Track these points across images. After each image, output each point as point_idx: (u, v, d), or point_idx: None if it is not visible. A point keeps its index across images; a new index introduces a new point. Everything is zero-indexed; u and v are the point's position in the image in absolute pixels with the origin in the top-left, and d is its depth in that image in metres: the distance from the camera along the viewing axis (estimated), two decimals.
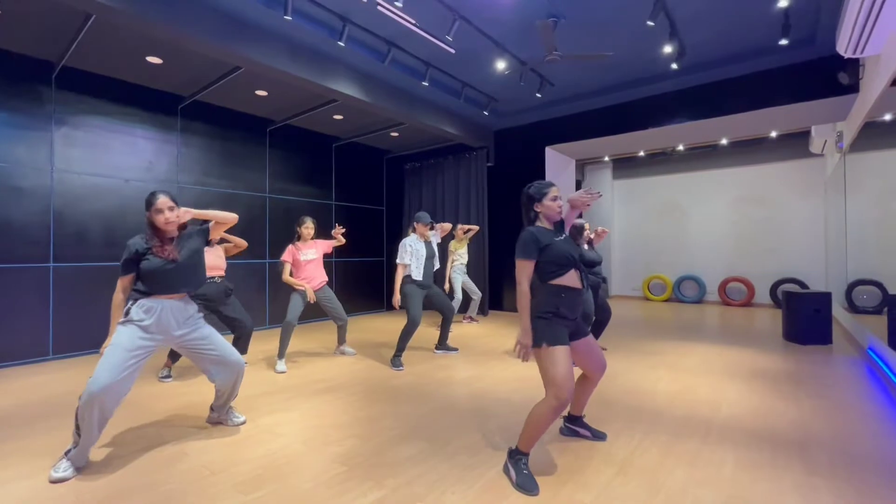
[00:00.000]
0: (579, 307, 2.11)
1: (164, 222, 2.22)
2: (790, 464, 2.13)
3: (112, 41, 3.90)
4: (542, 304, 2.03)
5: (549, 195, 2.12)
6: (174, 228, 2.30)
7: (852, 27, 3.26)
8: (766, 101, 5.01)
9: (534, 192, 2.14)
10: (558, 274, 2.03)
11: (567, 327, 2.05)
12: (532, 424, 1.96)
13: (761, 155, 8.49)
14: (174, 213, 2.25)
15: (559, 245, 2.06)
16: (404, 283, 4.02)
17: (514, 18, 4.07)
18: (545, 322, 2.00)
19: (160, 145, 5.05)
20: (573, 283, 2.06)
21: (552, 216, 2.13)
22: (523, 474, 1.93)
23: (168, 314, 2.24)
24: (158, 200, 2.23)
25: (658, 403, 3.00)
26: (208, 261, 3.61)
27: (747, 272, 8.61)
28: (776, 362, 4.08)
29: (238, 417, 2.68)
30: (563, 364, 1.92)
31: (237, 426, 2.62)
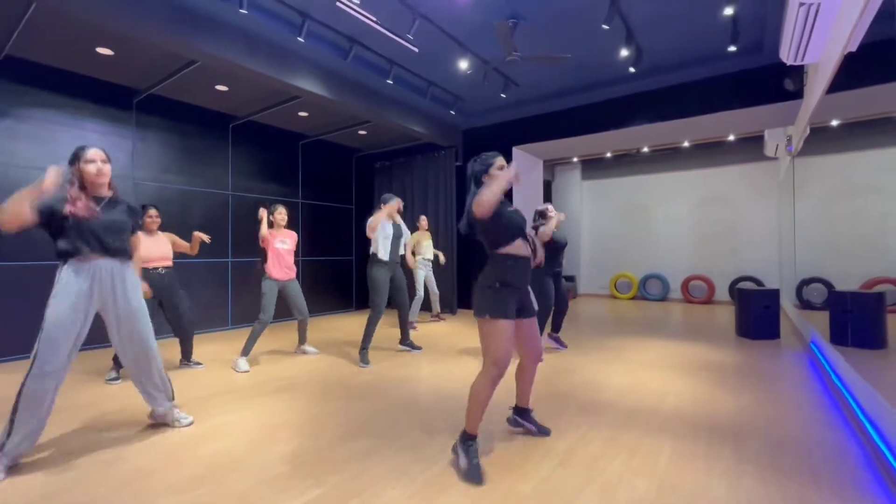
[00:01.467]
0: (527, 276, 2.14)
1: (97, 173, 2.13)
2: (722, 452, 2.22)
3: (58, 30, 3.74)
4: (490, 274, 2.08)
5: (496, 165, 2.18)
6: (105, 186, 2.20)
7: (791, 36, 3.42)
8: (719, 105, 5.20)
9: (479, 165, 2.21)
10: (508, 242, 2.08)
11: (514, 299, 2.07)
12: (473, 400, 2.02)
13: (721, 157, 8.81)
14: (107, 167, 2.17)
15: (510, 213, 2.14)
16: (371, 266, 3.99)
17: (475, 18, 4.11)
18: (492, 292, 2.03)
19: (114, 139, 4.88)
20: (522, 252, 2.11)
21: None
22: (472, 464, 1.96)
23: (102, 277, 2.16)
24: (90, 151, 2.15)
25: (608, 397, 3.08)
26: (152, 250, 3.54)
27: (708, 270, 8.91)
28: (726, 356, 4.24)
29: (185, 418, 2.58)
30: (503, 336, 1.99)
31: (185, 427, 2.54)
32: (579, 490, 1.87)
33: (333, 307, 7.47)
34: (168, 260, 3.65)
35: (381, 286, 3.96)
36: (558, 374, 3.62)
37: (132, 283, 2.31)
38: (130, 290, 2.28)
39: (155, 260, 3.55)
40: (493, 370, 1.99)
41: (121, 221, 2.27)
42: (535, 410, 2.56)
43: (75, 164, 2.16)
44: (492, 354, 1.99)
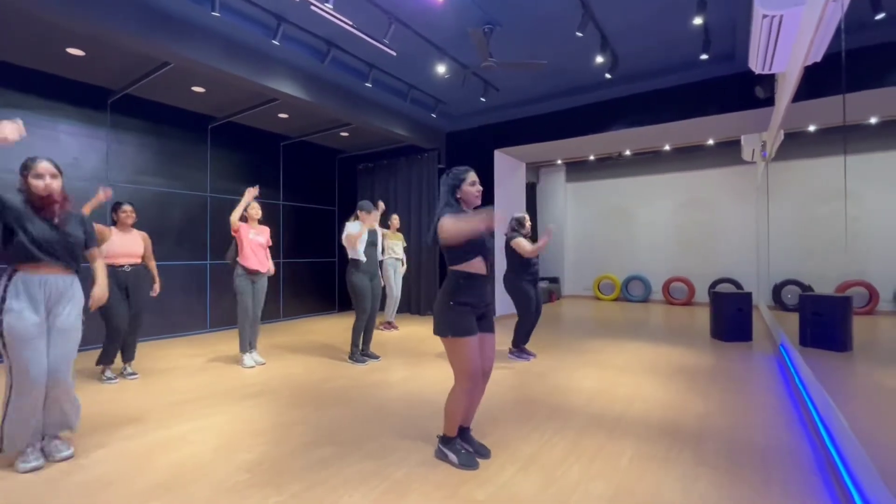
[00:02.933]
0: (484, 294, 2.14)
1: (44, 189, 2.09)
2: (682, 456, 2.27)
3: (26, 30, 3.68)
4: (447, 293, 2.10)
5: (468, 181, 2.16)
6: (52, 204, 2.12)
7: (758, 46, 3.49)
8: (694, 111, 5.29)
9: (453, 179, 2.16)
10: (464, 259, 2.08)
11: (474, 313, 2.09)
12: (450, 411, 2.11)
13: (700, 161, 8.95)
14: (56, 182, 2.12)
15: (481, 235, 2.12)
16: (352, 274, 4.07)
17: (451, 24, 4.13)
18: (451, 313, 2.06)
19: (87, 141, 4.81)
20: (477, 270, 2.10)
21: (471, 201, 2.18)
22: (462, 454, 2.07)
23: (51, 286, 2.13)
24: (39, 165, 2.09)
25: (577, 401, 3.11)
26: (118, 246, 3.49)
27: (689, 272, 9.04)
28: (698, 358, 4.32)
29: (62, 451, 2.21)
30: (469, 352, 2.04)
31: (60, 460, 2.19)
32: (534, 496, 1.89)
33: (315, 309, 7.44)
34: (135, 258, 3.59)
35: (364, 291, 4.07)
36: (529, 380, 3.66)
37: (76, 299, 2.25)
38: (69, 304, 2.22)
39: (120, 256, 3.49)
40: (465, 383, 2.05)
41: (76, 236, 2.22)
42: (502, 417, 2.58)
43: (25, 174, 2.10)
44: (461, 371, 2.05)
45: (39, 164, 2.12)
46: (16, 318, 2.02)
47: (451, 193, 2.16)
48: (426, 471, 2.09)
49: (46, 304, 2.14)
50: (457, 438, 2.14)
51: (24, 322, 2.03)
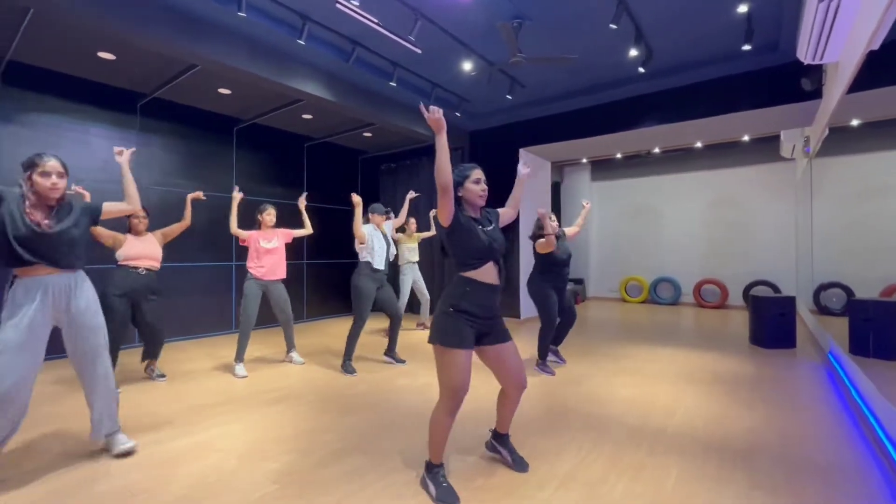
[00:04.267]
0: (490, 306, 1.94)
1: (50, 188, 2.05)
2: (734, 476, 2.10)
3: (58, 36, 3.73)
4: (448, 297, 1.92)
5: (472, 178, 1.98)
6: (54, 199, 2.10)
7: (809, 35, 3.26)
8: (732, 105, 5.03)
9: (456, 176, 1.98)
10: (473, 266, 1.91)
11: (474, 326, 1.90)
12: (432, 430, 1.92)
13: (734, 158, 8.58)
14: (63, 181, 2.10)
15: (487, 234, 1.94)
16: (357, 276, 3.93)
17: (479, 19, 4.01)
18: (445, 318, 1.89)
19: (118, 143, 4.84)
20: (486, 279, 1.92)
21: (474, 200, 1.98)
22: (442, 487, 1.87)
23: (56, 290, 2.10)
24: (48, 163, 2.06)
25: (613, 411, 2.96)
26: (139, 249, 3.48)
27: (721, 274, 8.68)
28: (739, 366, 4.09)
29: (124, 444, 2.30)
30: (455, 367, 1.83)
31: (122, 453, 2.29)
32: None
33: (338, 310, 7.42)
34: (154, 261, 3.57)
35: (366, 296, 3.89)
36: (562, 387, 3.51)
37: (86, 296, 2.23)
38: (81, 303, 2.19)
39: (139, 259, 3.47)
40: (447, 401, 1.86)
41: (76, 235, 2.17)
42: (536, 427, 2.45)
43: (29, 171, 2.05)
44: (444, 385, 1.86)
45: (48, 162, 2.07)
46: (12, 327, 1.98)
47: (455, 192, 1.94)
48: (460, 486, 1.98)
49: (54, 309, 2.11)
50: (441, 467, 1.92)
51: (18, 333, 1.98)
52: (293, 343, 4.31)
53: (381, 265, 3.95)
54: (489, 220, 2.06)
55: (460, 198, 1.99)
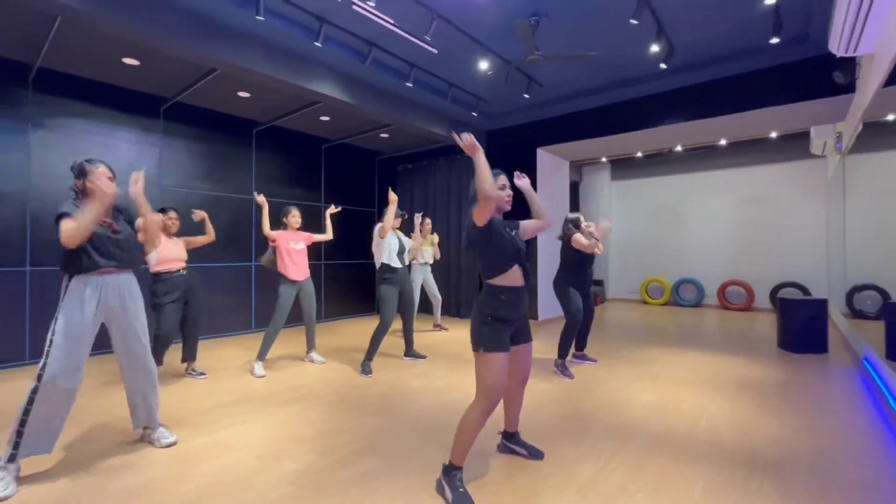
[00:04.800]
0: (522, 306, 2.06)
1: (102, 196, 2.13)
2: (763, 489, 2.01)
3: (85, 43, 3.84)
4: (483, 307, 2.00)
5: (497, 184, 2.03)
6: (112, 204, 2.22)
7: (842, 25, 3.12)
8: (759, 101, 4.85)
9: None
10: (502, 270, 1.99)
11: (509, 329, 2.02)
12: (462, 432, 1.93)
13: (761, 156, 8.31)
14: (113, 187, 2.18)
15: (509, 237, 2.03)
16: (380, 281, 4.00)
17: (495, 17, 3.97)
18: (486, 327, 1.97)
19: (142, 147, 5.00)
20: (515, 283, 2.02)
21: (501, 206, 2.08)
22: (458, 492, 1.85)
23: (108, 289, 2.19)
24: (99, 169, 2.16)
25: (634, 418, 2.88)
26: (171, 252, 3.56)
27: (747, 276, 8.42)
28: (767, 372, 3.94)
29: (167, 437, 2.44)
30: (497, 370, 1.91)
31: (164, 447, 2.40)
32: None
33: (355, 311, 7.46)
34: (184, 262, 3.67)
35: (391, 300, 3.96)
36: (580, 391, 3.44)
37: (135, 296, 2.33)
38: (130, 303, 2.29)
39: (174, 262, 3.57)
40: (484, 403, 1.91)
41: (129, 235, 2.31)
42: (554, 432, 2.40)
43: (82, 179, 2.16)
44: (485, 387, 1.92)
45: (98, 169, 2.18)
46: (68, 316, 2.07)
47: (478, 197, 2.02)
48: (475, 491, 1.95)
49: (105, 306, 2.19)
50: (460, 470, 1.92)
51: (73, 322, 2.07)
52: (314, 343, 4.36)
53: (397, 263, 4.01)
54: (511, 227, 2.16)
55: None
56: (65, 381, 2.05)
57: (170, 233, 3.65)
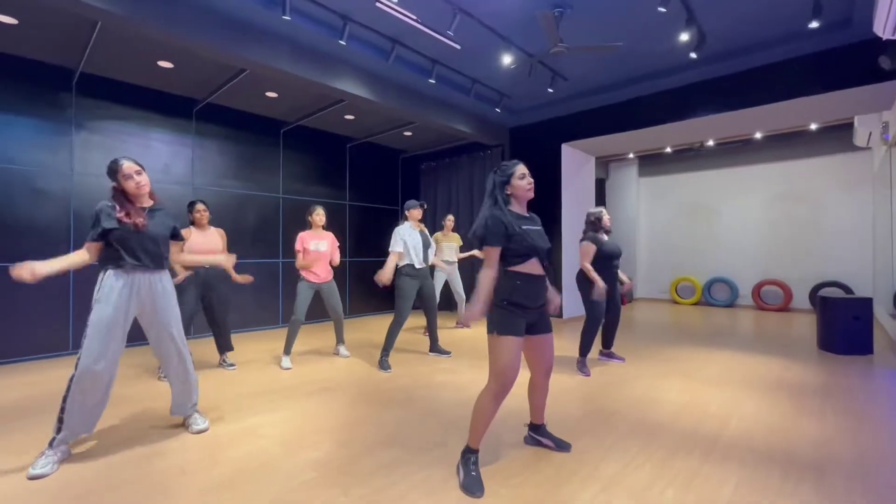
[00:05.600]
0: (538, 296, 2.04)
1: (136, 187, 2.23)
2: (800, 489, 1.91)
3: (123, 47, 4.02)
4: (499, 291, 1.99)
5: (517, 174, 2.05)
6: (146, 196, 2.29)
7: (890, 5, 2.94)
8: (798, 90, 4.64)
9: (500, 175, 2.07)
10: (519, 262, 1.98)
11: (524, 317, 1.99)
12: (476, 414, 1.96)
13: (800, 149, 7.94)
14: (144, 177, 2.26)
15: (529, 234, 1.99)
16: (400, 275, 3.99)
17: (518, 10, 3.93)
18: (500, 311, 1.96)
19: (176, 148, 5.19)
20: (534, 271, 2.01)
21: (523, 195, 2.07)
22: (471, 475, 1.88)
23: (140, 285, 2.26)
24: (123, 165, 2.22)
25: (662, 415, 2.79)
26: (205, 244, 3.66)
27: (784, 275, 8.06)
28: (805, 373, 3.75)
29: (198, 424, 2.53)
30: (508, 353, 1.91)
31: (197, 432, 2.50)
32: None
33: (379, 308, 7.53)
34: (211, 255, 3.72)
35: (408, 295, 3.96)
36: (605, 389, 3.36)
37: (166, 292, 2.39)
38: (161, 300, 2.35)
39: (201, 254, 3.65)
40: (495, 386, 1.93)
41: (161, 234, 2.35)
42: (578, 429, 2.36)
43: (115, 179, 2.26)
44: (495, 369, 1.94)
45: (124, 165, 2.25)
46: (102, 307, 2.17)
47: (500, 189, 2.05)
48: (497, 486, 1.93)
49: (138, 301, 2.28)
50: (475, 454, 1.96)
51: (105, 313, 2.16)
52: (342, 337, 4.41)
53: (420, 263, 3.99)
54: (536, 223, 2.12)
55: (509, 195, 2.06)
56: (98, 369, 2.13)
57: (200, 225, 3.75)
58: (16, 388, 3.36)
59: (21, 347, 4.15)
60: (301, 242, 4.04)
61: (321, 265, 4.08)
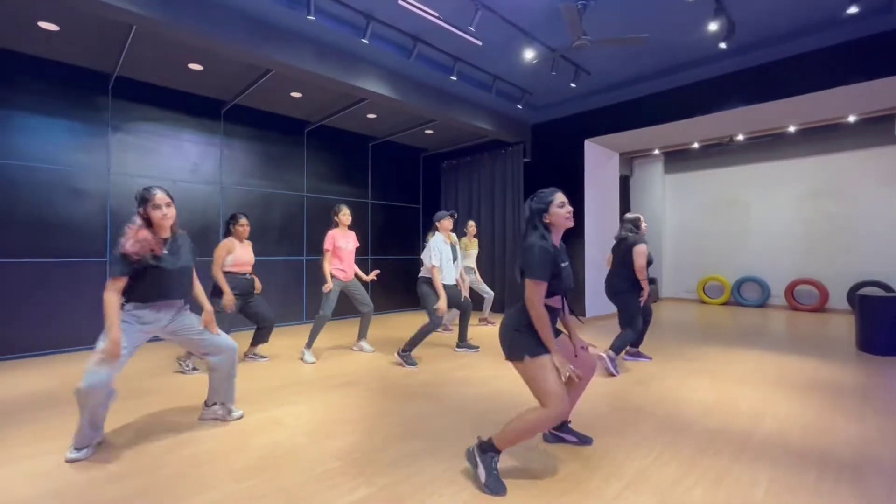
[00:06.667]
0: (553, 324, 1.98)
1: (161, 218, 2.19)
2: (838, 490, 1.83)
3: (156, 51, 4.17)
4: (519, 316, 1.94)
5: (556, 202, 1.96)
6: (168, 226, 2.25)
7: None
8: (834, 80, 4.44)
9: (538, 203, 1.97)
10: (548, 296, 1.92)
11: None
12: (519, 427, 1.84)
13: (837, 142, 7.61)
14: (171, 210, 2.24)
15: (566, 272, 1.96)
16: (423, 282, 4.06)
17: (540, 4, 3.89)
18: (521, 334, 1.91)
19: (205, 148, 5.35)
20: (554, 304, 1.99)
21: (562, 224, 1.97)
22: (493, 475, 1.84)
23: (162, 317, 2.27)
24: (156, 196, 2.19)
25: (689, 413, 2.72)
26: (241, 256, 3.77)
27: (820, 274, 7.73)
28: (843, 374, 3.60)
29: (235, 412, 2.61)
30: (553, 372, 1.83)
31: (236, 420, 2.58)
32: None
33: (400, 305, 7.58)
34: (251, 266, 3.87)
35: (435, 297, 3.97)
36: (631, 386, 3.30)
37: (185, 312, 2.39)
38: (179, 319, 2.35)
39: (244, 265, 3.78)
40: (552, 413, 1.79)
41: (187, 267, 2.33)
42: (601, 425, 2.33)
43: (143, 206, 2.19)
44: (549, 393, 1.80)
45: (157, 195, 2.20)
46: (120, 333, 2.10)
47: (538, 217, 1.96)
48: (518, 479, 1.92)
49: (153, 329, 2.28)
50: (498, 455, 1.88)
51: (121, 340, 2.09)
52: (366, 333, 4.47)
53: (450, 280, 4.05)
54: (565, 255, 2.05)
55: (547, 224, 1.97)
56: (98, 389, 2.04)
57: (241, 238, 3.85)
58: (53, 378, 3.52)
59: (59, 339, 4.35)
60: (331, 241, 4.10)
61: (348, 263, 4.15)
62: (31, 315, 4.21)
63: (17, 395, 3.07)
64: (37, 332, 4.24)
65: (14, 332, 4.12)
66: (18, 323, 4.14)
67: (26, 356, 4.17)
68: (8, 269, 4.10)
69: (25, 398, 3.01)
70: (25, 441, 2.31)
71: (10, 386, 3.30)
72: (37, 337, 4.24)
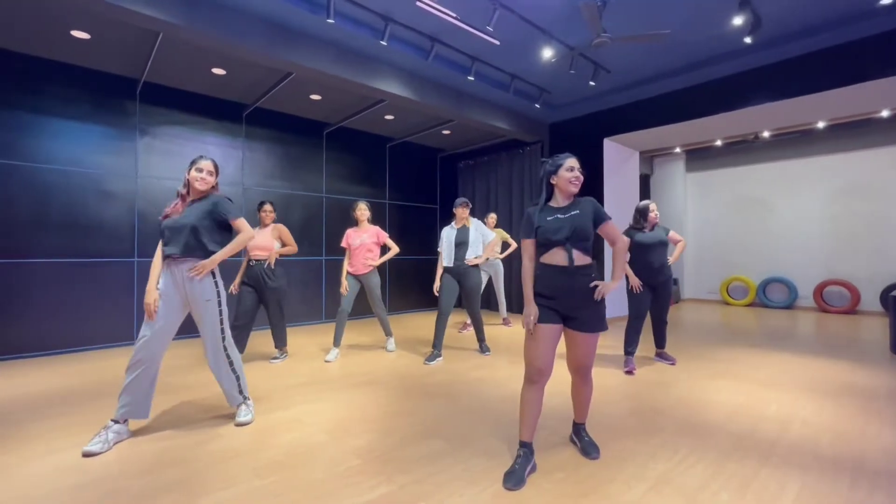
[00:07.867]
0: (560, 288, 1.98)
1: (195, 179, 2.41)
2: (872, 498, 1.77)
3: (181, 56, 4.28)
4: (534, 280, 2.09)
5: (565, 166, 2.05)
6: (200, 189, 2.44)
7: None
8: (866, 73, 4.28)
9: (549, 166, 2.10)
10: (541, 252, 2.07)
11: (548, 306, 2.00)
12: (520, 404, 2.02)
13: (869, 139, 7.34)
14: (210, 178, 2.45)
15: (550, 224, 2.02)
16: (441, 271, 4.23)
17: (558, 2, 3.86)
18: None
19: (227, 150, 5.47)
20: (555, 261, 2.02)
21: (566, 188, 2.06)
22: (512, 467, 1.93)
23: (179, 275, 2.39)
24: (203, 161, 2.47)
25: (713, 416, 2.66)
26: (258, 240, 3.82)
27: (851, 274, 7.47)
28: (876, 378, 3.47)
29: (243, 416, 2.54)
30: (535, 340, 1.97)
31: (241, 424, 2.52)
32: None
33: (418, 305, 7.61)
34: (262, 251, 3.83)
35: (446, 291, 4.10)
36: (648, 388, 3.24)
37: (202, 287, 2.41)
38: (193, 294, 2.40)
39: (253, 250, 3.83)
40: (526, 371, 2.01)
41: (190, 224, 2.36)
42: (622, 428, 2.29)
43: (190, 168, 2.46)
44: (525, 357, 2.01)
45: (202, 161, 2.48)
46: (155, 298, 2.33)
47: (546, 178, 2.10)
48: (539, 480, 1.91)
49: (177, 289, 2.40)
50: (522, 447, 1.98)
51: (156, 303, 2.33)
52: (388, 330, 4.50)
53: (448, 262, 4.16)
54: (576, 208, 2.04)
55: (553, 185, 2.09)
56: (144, 355, 2.28)
57: (264, 223, 3.95)
58: (82, 374, 3.65)
59: (88, 337, 4.50)
60: (344, 240, 4.25)
61: (356, 258, 4.21)
62: (62, 313, 4.37)
63: (48, 390, 3.19)
64: (66, 330, 4.39)
65: (44, 330, 4.28)
66: (50, 321, 4.30)
67: (57, 353, 4.33)
68: (42, 269, 4.26)
69: (55, 393, 3.12)
70: (56, 435, 2.39)
71: (41, 381, 3.43)
72: (66, 334, 4.40)
